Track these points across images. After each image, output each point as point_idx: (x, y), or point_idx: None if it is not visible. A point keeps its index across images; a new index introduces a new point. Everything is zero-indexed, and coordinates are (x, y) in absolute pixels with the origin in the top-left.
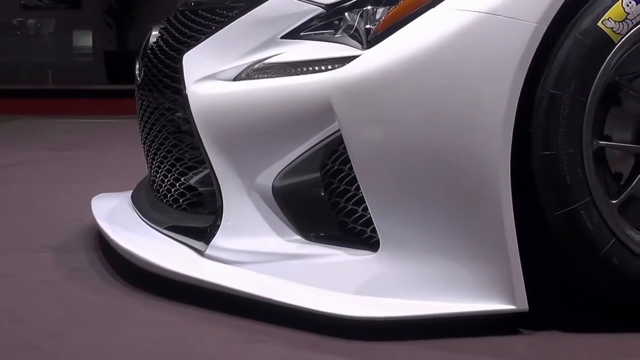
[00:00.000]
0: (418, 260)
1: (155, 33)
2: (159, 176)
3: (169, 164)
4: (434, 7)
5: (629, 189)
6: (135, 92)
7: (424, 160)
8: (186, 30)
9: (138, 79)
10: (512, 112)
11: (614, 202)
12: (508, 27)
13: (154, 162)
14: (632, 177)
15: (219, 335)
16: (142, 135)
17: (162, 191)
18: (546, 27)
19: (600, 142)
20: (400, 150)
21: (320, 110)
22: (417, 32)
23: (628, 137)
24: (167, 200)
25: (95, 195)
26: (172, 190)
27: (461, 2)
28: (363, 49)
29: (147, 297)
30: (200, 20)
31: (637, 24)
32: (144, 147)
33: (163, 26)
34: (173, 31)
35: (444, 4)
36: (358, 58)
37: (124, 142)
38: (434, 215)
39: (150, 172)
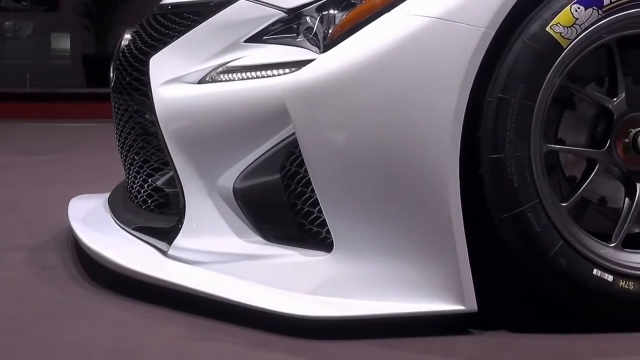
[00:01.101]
0: (370, 261)
1: (127, 36)
2: (131, 178)
3: (138, 165)
4: (388, 12)
5: (578, 192)
6: (110, 95)
7: (375, 163)
8: (155, 33)
9: (111, 82)
10: (461, 115)
11: (564, 204)
12: (457, 32)
13: (127, 164)
14: (583, 180)
15: (172, 333)
16: (116, 137)
17: (134, 192)
18: (494, 32)
19: (549, 145)
20: (351, 153)
21: (277, 113)
22: (370, 37)
23: (582, 140)
24: (138, 202)
25: (74, 196)
26: (142, 191)
27: (413, 7)
28: (320, 53)
29: (111, 296)
30: (168, 24)
31: (585, 29)
32: (118, 149)
33: (135, 30)
34: (143, 35)
35: (397, 9)
36: (312, 62)
37: (104, 145)
38: (385, 217)
39: (125, 173)
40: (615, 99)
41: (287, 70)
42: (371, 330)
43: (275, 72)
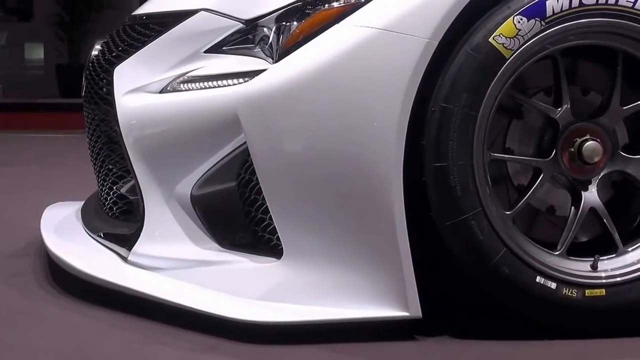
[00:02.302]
0: (318, 268)
1: (97, 47)
2: (100, 185)
3: (105, 173)
4: (337, 23)
5: (522, 200)
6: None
7: (322, 171)
8: (121, 44)
9: (82, 92)
10: (404, 124)
11: (508, 213)
12: (401, 42)
13: (97, 172)
14: (528, 188)
15: (124, 337)
16: (88, 146)
17: (102, 200)
18: (437, 43)
19: (493, 154)
20: (299, 162)
21: (230, 122)
22: (319, 48)
23: (529, 150)
24: (106, 209)
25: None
26: (108, 198)
27: (360, 19)
28: (273, 63)
29: (73, 302)
30: (134, 34)
31: (528, 40)
32: (90, 158)
33: (105, 40)
34: (111, 45)
35: (345, 20)
36: (263, 72)
37: (79, 154)
38: (332, 225)
39: (96, 182)
40: (560, 109)
41: (240, 80)
42: (319, 335)
43: (230, 82)
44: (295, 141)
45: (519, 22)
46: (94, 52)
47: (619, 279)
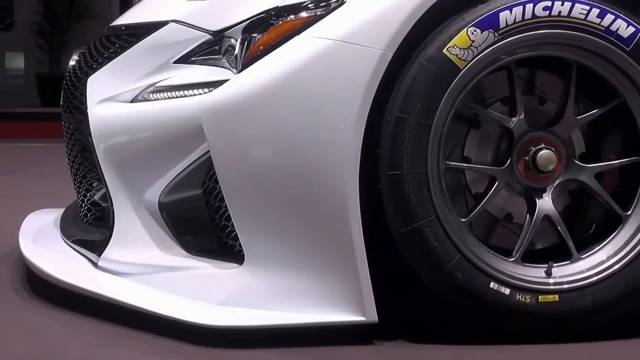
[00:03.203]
0: (278, 273)
1: (75, 57)
2: (76, 192)
3: (79, 181)
4: (298, 35)
5: (477, 208)
6: None
7: (281, 179)
8: (96, 54)
9: (61, 101)
10: (360, 133)
11: (463, 220)
12: (356, 53)
13: (73, 180)
14: (484, 196)
15: (86, 341)
16: (66, 154)
17: (79, 207)
18: (392, 54)
19: (449, 162)
20: (259, 170)
21: (194, 131)
22: (278, 59)
23: (486, 158)
24: (81, 216)
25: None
26: (83, 205)
27: (319, 31)
28: (236, 73)
29: (42, 306)
30: (108, 45)
31: (482, 51)
32: (68, 166)
33: (82, 51)
34: (87, 55)
35: (306, 32)
36: (226, 82)
37: (59, 163)
38: (291, 232)
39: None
40: (514, 119)
41: (205, 90)
42: (278, 339)
43: (195, 91)
44: (255, 150)
45: (472, 33)
46: (72, 62)
47: (572, 285)
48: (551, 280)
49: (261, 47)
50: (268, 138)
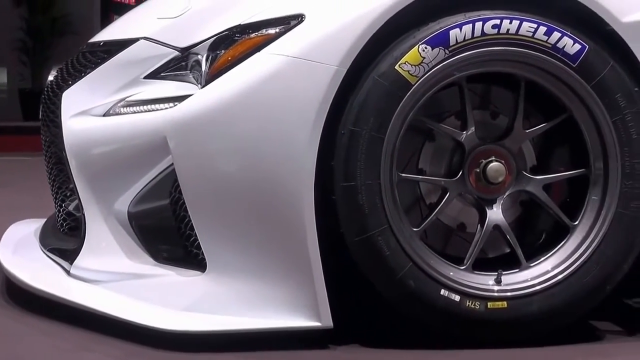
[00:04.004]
0: (238, 280)
1: (53, 72)
2: (55, 203)
3: (56, 192)
4: (259, 51)
5: (429, 218)
6: None
7: (240, 190)
8: (72, 70)
9: (40, 115)
10: (315, 146)
11: (416, 229)
12: (311, 69)
13: (51, 190)
14: (436, 206)
15: (55, 346)
16: (45, 167)
17: (56, 217)
18: (346, 70)
19: (402, 174)
20: (220, 182)
21: (160, 144)
22: (239, 75)
23: (440, 170)
24: (58, 225)
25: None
26: (59, 215)
27: (277, 48)
28: (200, 89)
29: (17, 312)
30: (83, 61)
31: (432, 68)
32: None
33: (60, 67)
34: (64, 71)
35: (265, 49)
36: (189, 97)
37: (42, 176)
38: (250, 240)
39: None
40: (465, 133)
41: (171, 105)
42: (237, 344)
43: (161, 106)
44: (216, 162)
45: (423, 50)
46: (50, 77)
47: (520, 292)
48: (500, 288)
49: (224, 64)
50: (228, 151)
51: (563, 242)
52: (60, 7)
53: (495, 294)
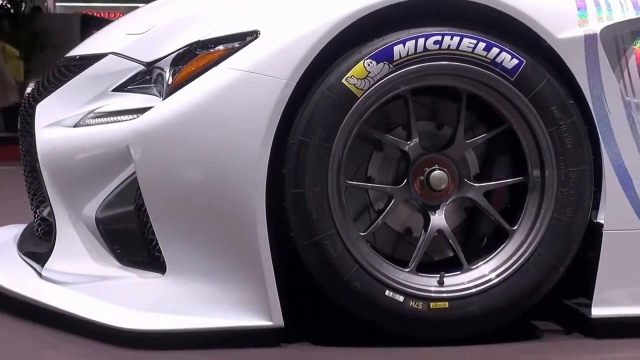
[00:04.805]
0: (195, 282)
1: (31, 85)
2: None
3: (31, 198)
4: (216, 65)
5: (375, 223)
6: None
7: (196, 196)
8: (47, 83)
9: (18, 125)
10: (266, 156)
11: (362, 234)
12: (262, 83)
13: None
14: (383, 212)
15: (22, 344)
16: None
17: (33, 222)
18: (295, 83)
19: (349, 182)
20: (178, 189)
21: (124, 153)
22: (196, 88)
23: (388, 178)
24: (34, 230)
25: None
26: (35, 220)
27: (232, 62)
28: (161, 101)
29: None
30: (58, 75)
31: (378, 81)
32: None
33: (38, 80)
34: (40, 84)
35: (222, 63)
36: (150, 109)
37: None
38: (207, 244)
39: None
40: (409, 142)
41: (134, 116)
42: (195, 342)
43: (126, 117)
44: (174, 170)
45: (369, 65)
46: (28, 90)
47: (461, 293)
48: (442, 289)
49: (184, 77)
50: (186, 159)
51: (503, 246)
52: (40, 22)
53: (438, 295)
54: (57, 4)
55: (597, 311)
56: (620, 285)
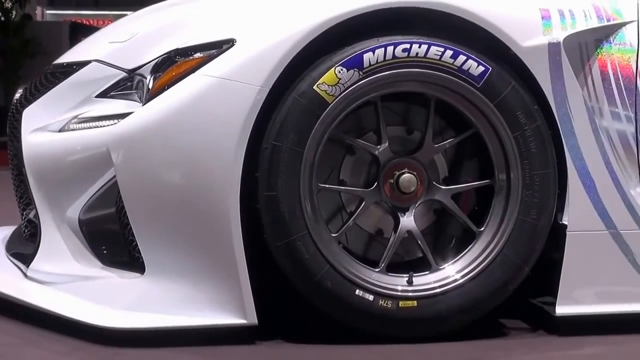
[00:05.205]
0: (173, 282)
1: (20, 91)
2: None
3: (18, 200)
4: (193, 72)
5: (346, 225)
6: None
7: (174, 199)
8: (33, 89)
9: (7, 130)
10: (240, 159)
11: (334, 235)
12: (237, 89)
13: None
14: (354, 213)
15: (3, 341)
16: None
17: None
18: (269, 90)
19: (321, 185)
20: (155, 191)
21: (105, 157)
22: (174, 94)
23: (359, 181)
24: (22, 232)
25: None
26: (22, 222)
27: (208, 69)
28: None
29: None
30: (44, 81)
31: (348, 88)
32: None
33: (26, 86)
34: (27, 90)
35: (199, 70)
36: (130, 115)
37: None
38: (183, 245)
39: None
40: (379, 147)
41: (115, 121)
42: (172, 340)
43: (108, 122)
44: (152, 173)
45: (339, 72)
46: (16, 96)
47: (429, 292)
48: (411, 288)
49: (163, 84)
50: (163, 163)
51: (470, 246)
52: (31, 30)
53: (406, 294)
54: (47, 11)
55: (561, 309)
56: (584, 285)
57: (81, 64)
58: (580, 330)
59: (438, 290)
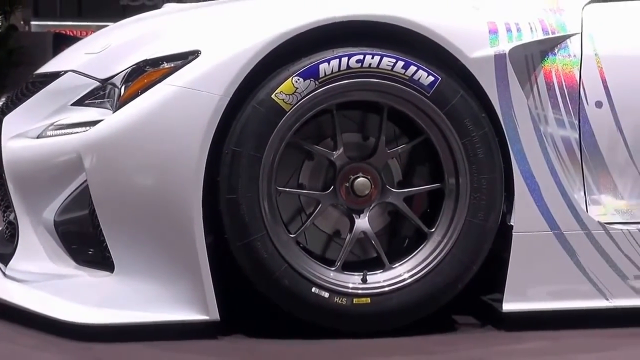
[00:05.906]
0: (140, 280)
1: (2, 99)
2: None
3: None
4: (160, 82)
5: (302, 226)
6: None
7: (140, 201)
8: (15, 98)
9: None
10: (202, 165)
11: (292, 235)
12: (199, 98)
13: None
14: (310, 215)
15: None
16: None
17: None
18: (229, 98)
19: (280, 188)
20: (123, 194)
21: (77, 162)
22: (140, 103)
23: (318, 184)
24: (4, 233)
25: None
26: (4, 224)
27: (173, 79)
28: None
29: None
30: (25, 90)
31: (305, 96)
32: None
33: (9, 94)
34: (9, 98)
35: (165, 80)
36: (100, 122)
37: None
38: (150, 245)
39: None
40: (335, 152)
41: (87, 128)
42: (139, 335)
43: (81, 129)
44: (120, 177)
45: (296, 81)
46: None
47: (381, 289)
48: (365, 286)
49: (132, 93)
50: (130, 167)
51: (421, 246)
52: (16, 40)
53: (360, 291)
54: (32, 22)
55: (507, 306)
56: (529, 283)
57: (58, 74)
58: (526, 326)
59: (390, 287)
